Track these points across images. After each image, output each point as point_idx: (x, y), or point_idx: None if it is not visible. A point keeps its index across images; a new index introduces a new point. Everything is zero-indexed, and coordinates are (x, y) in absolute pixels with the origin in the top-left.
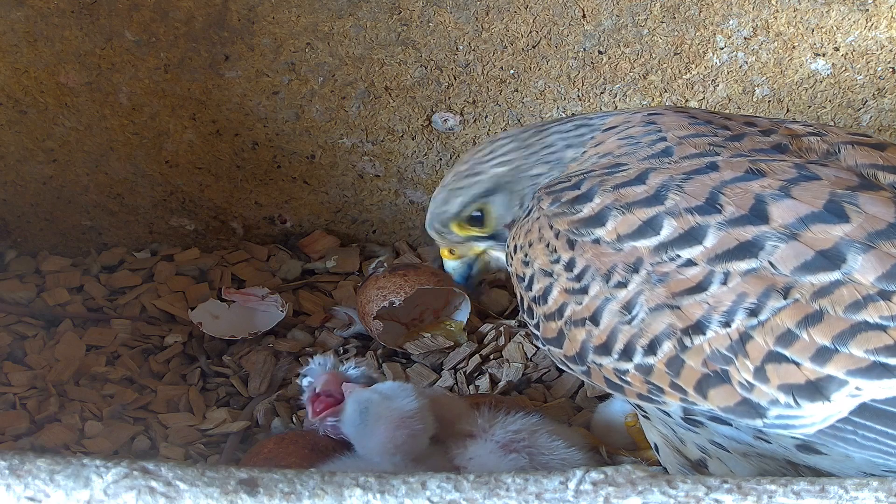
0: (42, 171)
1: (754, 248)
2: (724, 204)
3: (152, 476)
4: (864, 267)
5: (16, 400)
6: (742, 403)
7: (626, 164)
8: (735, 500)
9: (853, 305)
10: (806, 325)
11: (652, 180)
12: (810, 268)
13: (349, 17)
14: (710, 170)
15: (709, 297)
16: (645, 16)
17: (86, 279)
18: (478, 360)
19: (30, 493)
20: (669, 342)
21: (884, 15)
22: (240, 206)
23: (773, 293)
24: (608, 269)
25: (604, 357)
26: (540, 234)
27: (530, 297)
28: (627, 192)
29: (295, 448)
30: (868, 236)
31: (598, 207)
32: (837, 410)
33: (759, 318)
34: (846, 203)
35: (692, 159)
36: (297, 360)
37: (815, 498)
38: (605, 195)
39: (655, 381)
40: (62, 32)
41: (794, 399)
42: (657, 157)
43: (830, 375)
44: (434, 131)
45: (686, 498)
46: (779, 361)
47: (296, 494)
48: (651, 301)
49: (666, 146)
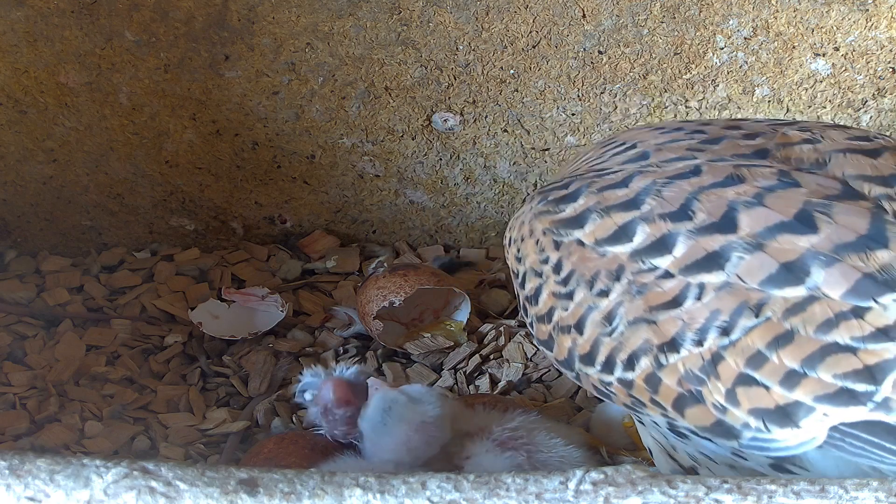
0: (42, 171)
1: (720, 258)
2: (697, 210)
3: (152, 476)
4: (828, 281)
5: (16, 400)
6: (717, 424)
7: (611, 167)
8: (735, 500)
9: (825, 325)
10: (776, 347)
11: (635, 184)
12: (777, 281)
13: (349, 17)
14: (693, 174)
15: (683, 314)
16: (645, 16)
17: (86, 279)
18: (478, 360)
19: (30, 493)
20: (647, 358)
21: (884, 15)
22: (240, 206)
23: (746, 310)
24: (592, 276)
25: (588, 367)
26: (530, 230)
27: (524, 295)
28: (609, 195)
29: (295, 448)
30: (835, 248)
31: (580, 208)
32: (812, 437)
33: (731, 338)
34: (818, 212)
35: (675, 163)
36: (297, 360)
37: (815, 498)
38: (590, 197)
39: (636, 396)
40: (62, 32)
41: (764, 424)
42: (635, 161)
43: (798, 401)
44: (434, 131)
45: (686, 498)
46: (749, 384)
47: (296, 494)
48: (630, 313)
49: (641, 151)
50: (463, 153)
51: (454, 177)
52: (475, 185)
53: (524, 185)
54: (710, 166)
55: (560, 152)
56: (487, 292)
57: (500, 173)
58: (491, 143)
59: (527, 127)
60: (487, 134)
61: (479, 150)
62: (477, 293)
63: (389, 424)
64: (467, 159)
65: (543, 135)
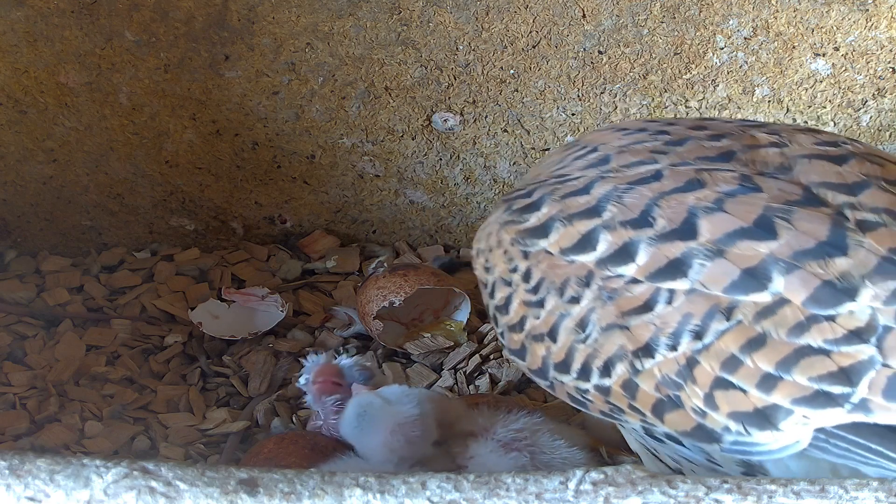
0: (42, 171)
1: (683, 265)
2: (657, 217)
3: (152, 476)
4: (789, 288)
5: (16, 400)
6: (698, 429)
7: (572, 173)
8: (735, 500)
9: (796, 328)
10: (750, 350)
11: (596, 190)
12: (741, 287)
13: (349, 17)
14: (654, 179)
15: (655, 318)
16: (645, 16)
17: (86, 279)
18: (478, 360)
19: (30, 493)
20: (622, 364)
21: (884, 15)
22: (240, 206)
23: (717, 314)
24: (562, 283)
25: (564, 375)
26: (498, 240)
27: (494, 304)
28: (571, 203)
29: (295, 448)
30: (794, 255)
31: (543, 217)
32: (796, 440)
33: (704, 342)
34: (778, 218)
35: (636, 167)
36: (297, 361)
37: (815, 498)
38: (553, 205)
39: (614, 402)
40: (62, 32)
41: (744, 427)
42: (596, 167)
43: (776, 404)
44: (434, 131)
45: (686, 498)
46: (726, 388)
47: (296, 494)
48: (603, 320)
49: (602, 155)
50: (463, 153)
51: (454, 177)
52: (475, 185)
53: None
54: (672, 171)
55: None
56: None
57: (500, 173)
58: (491, 143)
59: (527, 127)
60: (487, 134)
61: (479, 150)
62: (477, 293)
63: (365, 428)
64: (467, 159)
65: (543, 135)
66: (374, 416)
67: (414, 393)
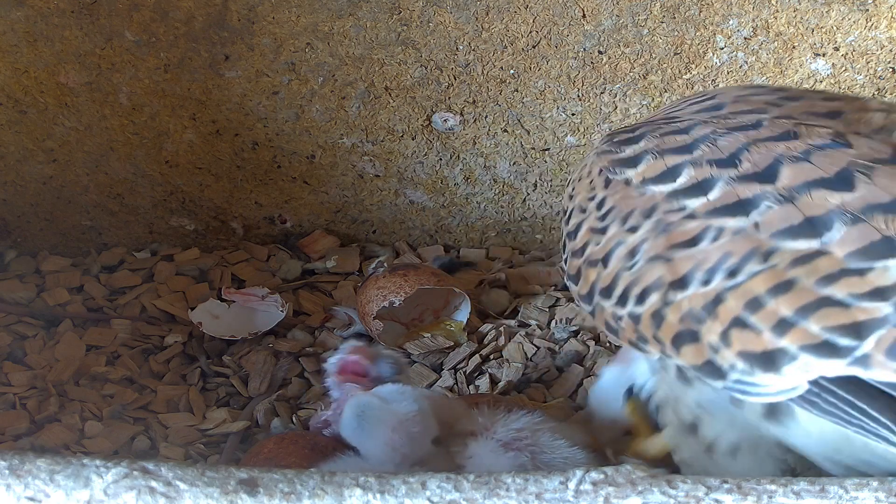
0: (42, 171)
1: (749, 205)
2: (743, 160)
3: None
4: (845, 239)
5: (16, 400)
6: (707, 363)
7: (681, 116)
8: (735, 500)
9: (827, 278)
10: (776, 294)
11: (695, 131)
12: (794, 233)
13: (349, 17)
14: (753, 128)
15: (698, 253)
16: (645, 16)
17: (86, 279)
18: (478, 360)
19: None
20: (657, 294)
21: (884, 15)
22: (240, 206)
23: (755, 256)
24: (627, 212)
25: (605, 300)
26: (589, 170)
27: (566, 231)
28: (669, 140)
29: (295, 448)
30: (865, 208)
31: (639, 150)
32: (793, 385)
33: (736, 280)
34: (859, 172)
35: (742, 115)
36: (297, 360)
37: (815, 498)
38: (651, 140)
39: (642, 331)
40: (62, 32)
41: (749, 367)
42: (708, 112)
43: (784, 348)
44: (434, 131)
45: (686, 498)
46: (743, 327)
47: (296, 494)
48: (651, 250)
49: (718, 102)
50: (463, 153)
51: (454, 177)
52: (475, 185)
53: (524, 185)
54: (773, 122)
55: (560, 152)
56: (487, 292)
57: (500, 173)
58: (491, 143)
59: (527, 127)
60: (487, 134)
61: (479, 150)
62: (477, 293)
63: (367, 428)
64: (467, 159)
65: (543, 135)
66: (373, 416)
67: (408, 390)
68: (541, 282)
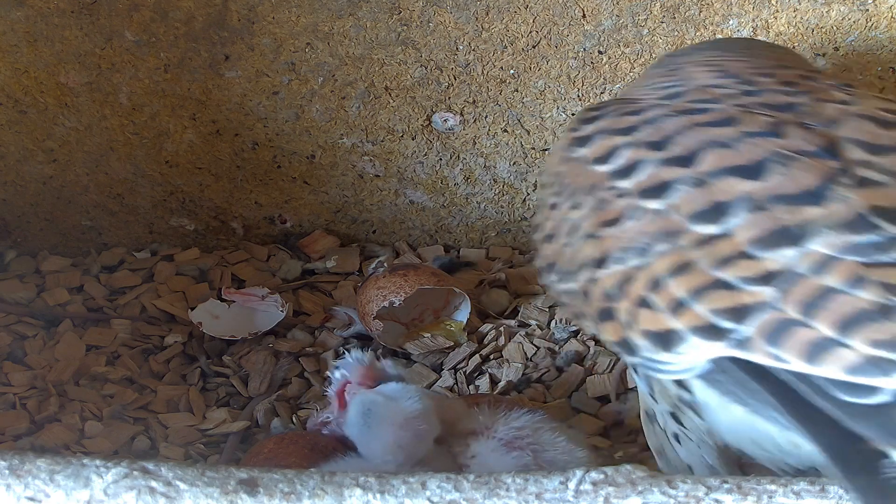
0: (42, 171)
1: (667, 188)
2: (674, 144)
3: (152, 476)
4: (743, 226)
5: (16, 400)
6: (623, 341)
7: (646, 97)
8: (735, 500)
9: (722, 262)
10: (675, 275)
11: (647, 113)
12: (702, 217)
13: (349, 17)
14: (699, 112)
15: (619, 232)
16: (645, 16)
17: (86, 279)
18: (478, 360)
19: (30, 493)
20: (587, 272)
21: (884, 15)
22: (240, 206)
23: (665, 236)
24: (574, 189)
25: (549, 275)
26: (559, 143)
27: (536, 202)
28: (622, 120)
29: (295, 448)
30: (770, 198)
31: (594, 130)
32: (691, 365)
33: (645, 260)
34: (775, 163)
35: (697, 103)
36: (297, 360)
37: (815, 498)
38: (609, 120)
39: (579, 306)
40: (62, 32)
41: (653, 345)
42: (670, 99)
43: (678, 329)
44: (434, 131)
45: (686, 498)
46: (647, 306)
47: (296, 494)
48: (587, 228)
49: (678, 91)
50: (463, 153)
51: (454, 177)
52: (475, 185)
53: (524, 185)
54: (717, 109)
55: None
56: (487, 292)
57: (500, 173)
58: (491, 143)
59: (527, 127)
60: (487, 134)
61: (479, 150)
62: (477, 293)
63: (374, 426)
64: (467, 159)
65: (543, 135)
66: (379, 414)
67: (412, 388)
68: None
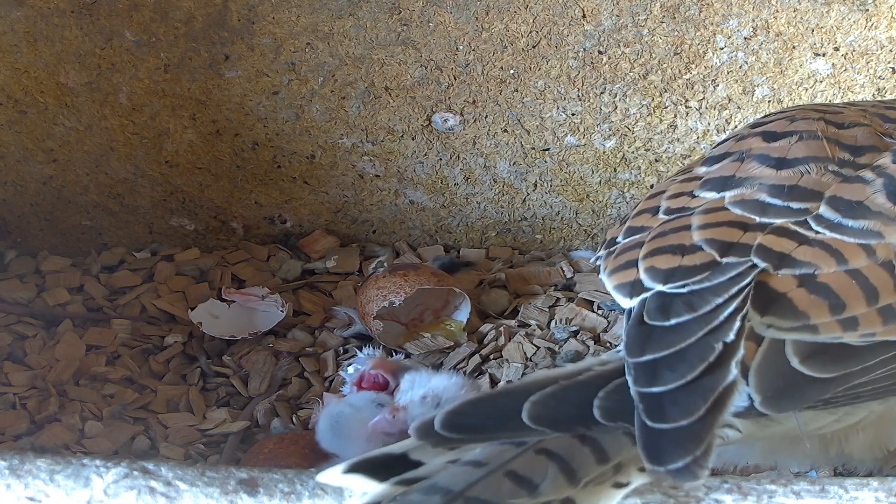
0: (42, 171)
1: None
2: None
3: (152, 476)
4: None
5: (16, 400)
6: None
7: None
8: (735, 500)
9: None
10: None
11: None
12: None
13: (349, 17)
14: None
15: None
16: (645, 16)
17: (86, 279)
18: (478, 360)
19: (30, 493)
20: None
21: (884, 15)
22: (240, 206)
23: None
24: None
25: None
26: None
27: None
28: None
29: (295, 448)
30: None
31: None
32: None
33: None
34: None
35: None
36: (297, 360)
37: (815, 498)
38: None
39: None
40: (62, 32)
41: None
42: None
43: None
44: (434, 131)
45: (686, 498)
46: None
47: (296, 494)
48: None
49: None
50: (463, 153)
51: (454, 177)
52: (475, 185)
53: (524, 185)
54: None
55: (560, 152)
56: (487, 292)
57: (500, 173)
58: (491, 143)
59: (527, 127)
60: (487, 134)
61: (479, 150)
62: (477, 293)
63: (342, 438)
64: (467, 159)
65: (543, 135)
66: (347, 425)
67: (382, 398)
68: (541, 282)
